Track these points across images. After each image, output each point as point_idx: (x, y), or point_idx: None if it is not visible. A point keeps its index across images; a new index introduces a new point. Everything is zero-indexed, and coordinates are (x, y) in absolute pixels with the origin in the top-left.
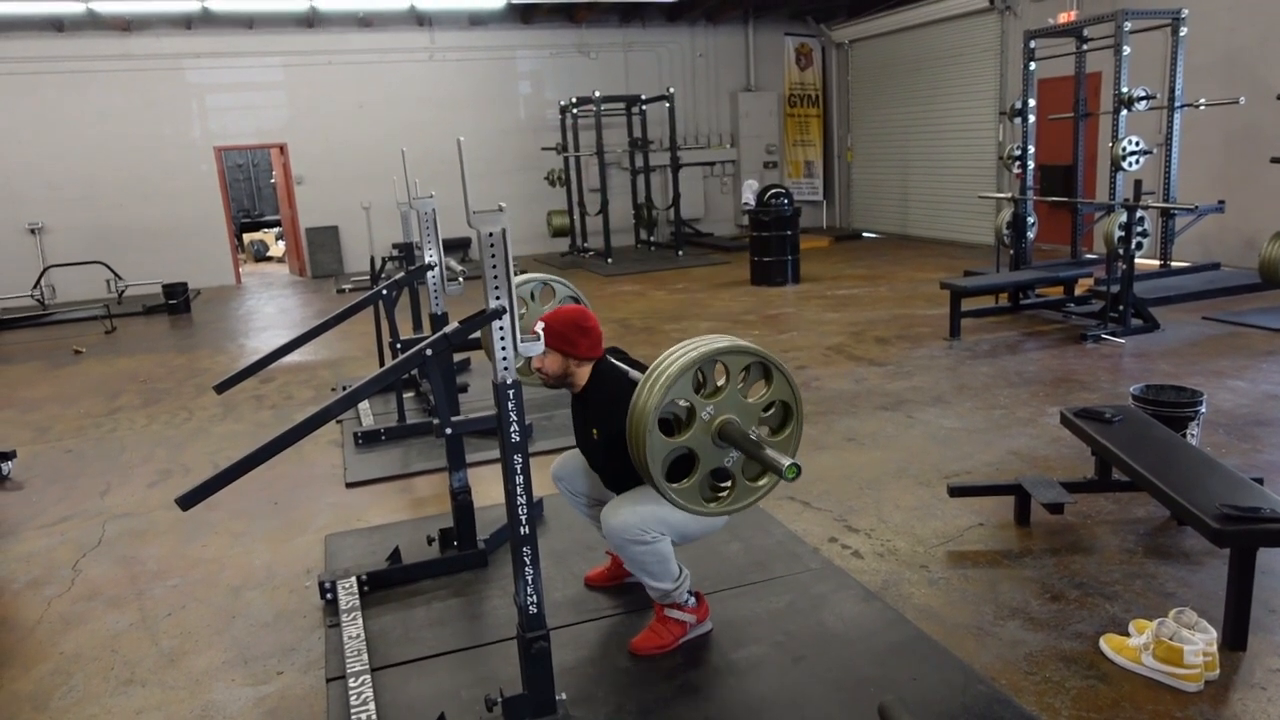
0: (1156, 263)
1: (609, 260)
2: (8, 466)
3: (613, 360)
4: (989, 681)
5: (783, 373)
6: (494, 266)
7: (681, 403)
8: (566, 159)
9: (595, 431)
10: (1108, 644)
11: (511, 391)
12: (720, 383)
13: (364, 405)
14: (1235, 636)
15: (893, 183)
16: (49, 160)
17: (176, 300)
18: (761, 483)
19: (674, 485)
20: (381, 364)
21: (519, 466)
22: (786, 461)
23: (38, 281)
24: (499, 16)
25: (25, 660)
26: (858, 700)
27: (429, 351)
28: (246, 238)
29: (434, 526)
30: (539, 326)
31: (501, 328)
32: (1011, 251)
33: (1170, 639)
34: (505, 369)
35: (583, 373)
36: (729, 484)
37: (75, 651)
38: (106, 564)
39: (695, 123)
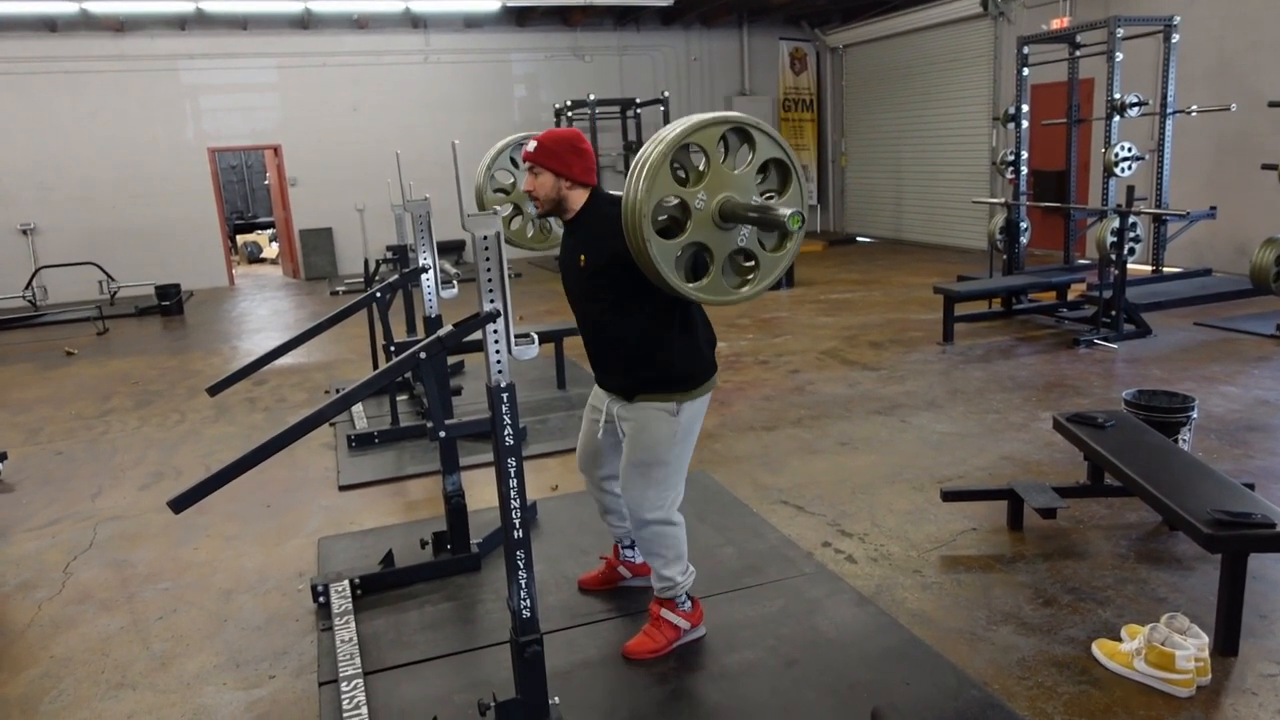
0: (1149, 268)
1: None
2: None
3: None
4: (982, 686)
5: (764, 131)
6: (488, 269)
7: (672, 200)
8: None
9: (583, 258)
10: (1100, 649)
11: (505, 395)
12: (702, 167)
13: (357, 408)
14: (1227, 642)
15: (886, 187)
16: (41, 161)
17: (169, 302)
18: (743, 290)
19: (660, 240)
20: (375, 367)
21: (512, 470)
22: (787, 211)
23: (29, 282)
24: (494, 19)
25: (15, 664)
26: (851, 705)
27: (423, 354)
28: (240, 239)
29: (427, 530)
30: (530, 145)
31: (495, 331)
32: (1005, 256)
33: (1162, 644)
34: (499, 372)
35: (576, 196)
36: (753, 263)
37: (65, 655)
38: (97, 567)
39: None
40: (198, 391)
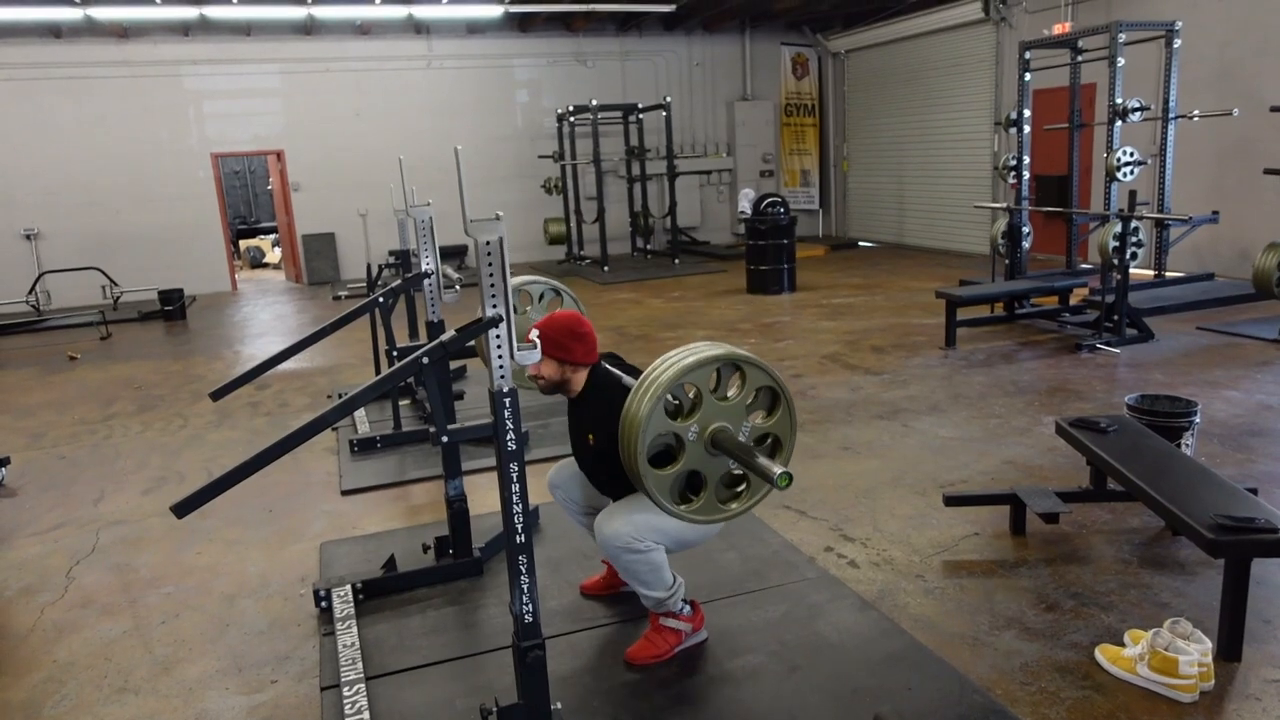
0: (1151, 273)
1: (605, 268)
2: (1, 473)
3: (608, 366)
4: (984, 691)
5: (755, 365)
6: (491, 274)
7: (690, 391)
8: (563, 167)
9: (591, 437)
10: (1103, 654)
11: (508, 399)
12: (715, 389)
13: (360, 413)
14: (1230, 647)
15: (889, 192)
16: (45, 166)
17: (172, 306)
18: (732, 506)
19: (653, 470)
20: (378, 371)
21: (515, 474)
22: (779, 470)
23: (33, 287)
24: (496, 25)
25: (18, 668)
26: (853, 710)
27: (425, 359)
28: (243, 244)
29: (429, 534)
30: (533, 334)
31: (498, 336)
32: (1007, 261)
33: (1165, 649)
34: (502, 377)
35: (579, 378)
36: (699, 493)
37: (68, 659)
38: (100, 571)
39: (692, 131)
40: (200, 396)
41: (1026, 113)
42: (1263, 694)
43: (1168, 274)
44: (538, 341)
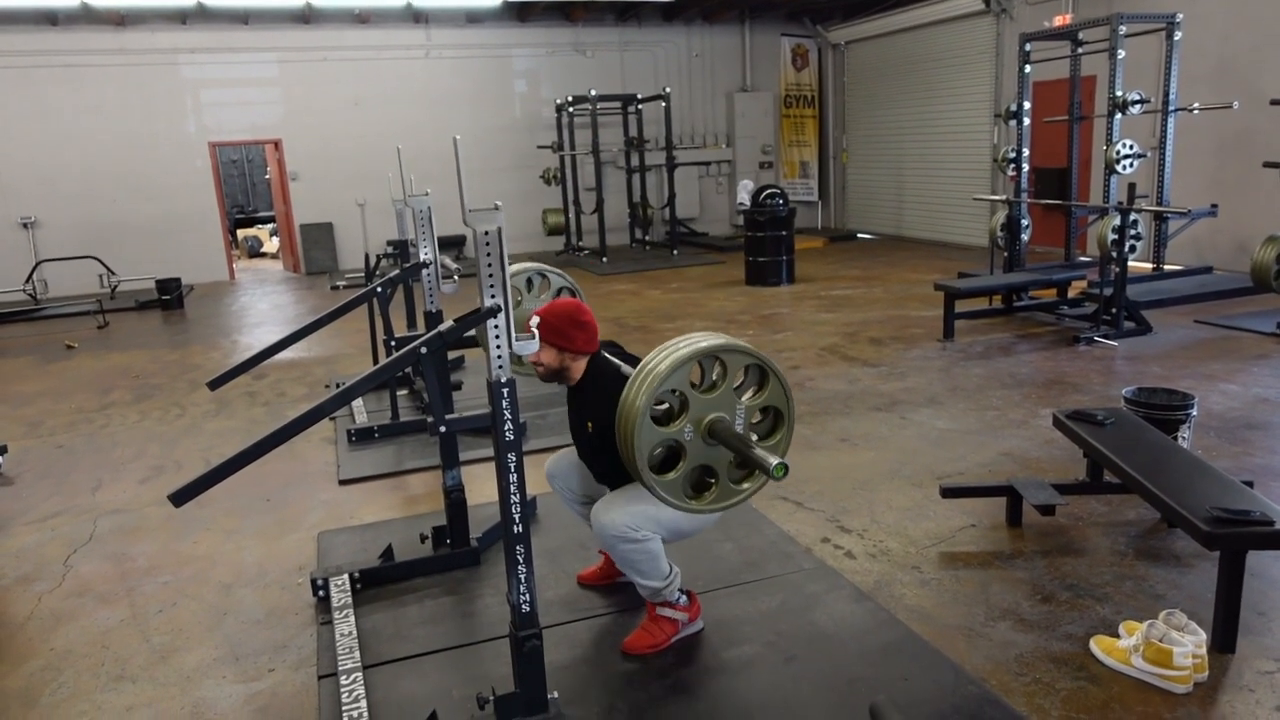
0: (1149, 266)
1: (604, 259)
2: None
3: (607, 355)
4: (979, 682)
5: (776, 375)
6: (489, 265)
7: (674, 393)
8: (562, 157)
9: (590, 425)
10: (1098, 645)
11: (506, 389)
12: (700, 383)
13: (357, 403)
14: (1224, 639)
15: (888, 184)
16: (42, 154)
17: (170, 296)
18: (745, 485)
19: (659, 477)
20: (375, 361)
21: (513, 465)
22: (774, 461)
23: (30, 276)
24: (495, 14)
25: (15, 656)
26: (849, 700)
27: (423, 349)
28: (240, 234)
29: (427, 524)
30: (533, 321)
31: (496, 326)
32: (1005, 254)
33: (1160, 641)
34: (500, 367)
35: (578, 366)
36: (714, 481)
37: (65, 648)
38: (97, 560)
39: (691, 122)
40: (198, 385)
41: (1026, 105)
42: (1256, 685)
43: (1166, 267)
44: (536, 331)
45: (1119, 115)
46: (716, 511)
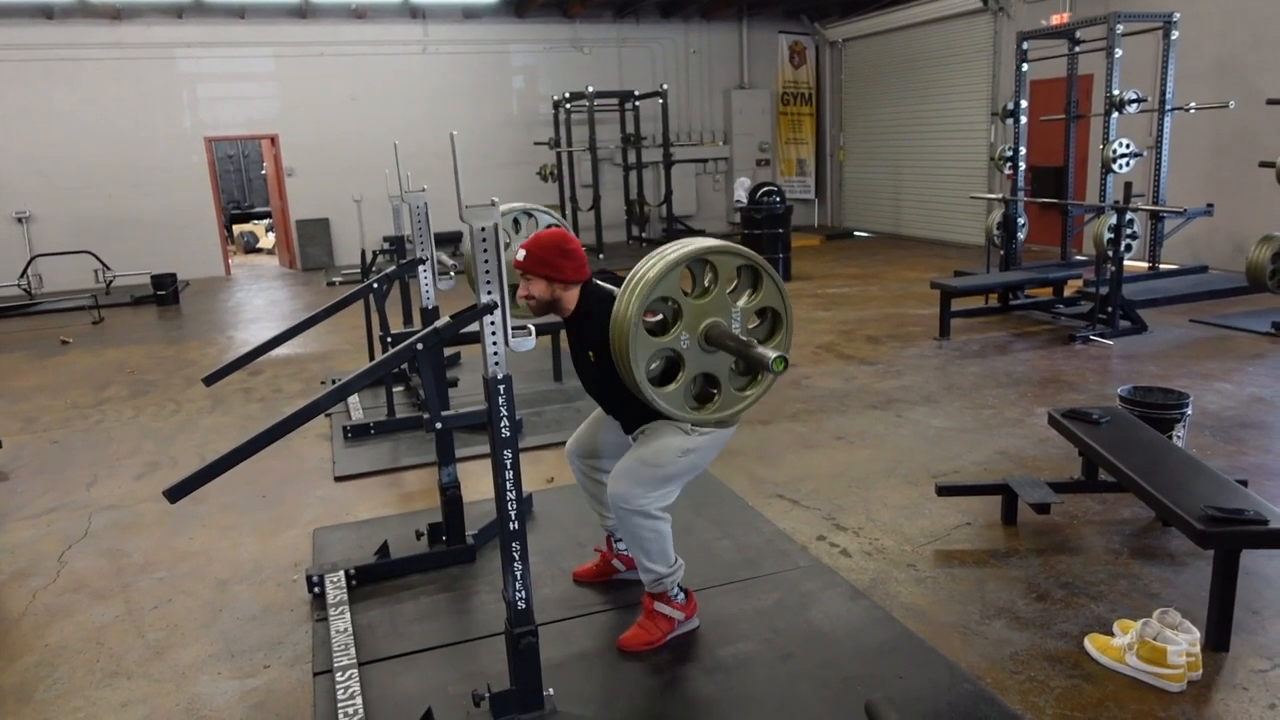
0: (1145, 265)
1: (600, 255)
2: None
3: (600, 283)
4: (975, 680)
5: (769, 275)
6: (486, 261)
7: (667, 302)
8: (559, 154)
9: (591, 354)
10: (1092, 643)
11: (502, 386)
12: (707, 284)
13: (353, 399)
14: (1218, 637)
15: (885, 182)
16: (37, 149)
17: (165, 291)
18: (749, 392)
19: (660, 390)
20: (371, 358)
21: (509, 461)
22: (773, 354)
23: (25, 270)
24: (492, 10)
25: (9, 652)
26: (845, 698)
27: (420, 346)
28: (236, 229)
29: (423, 521)
30: (519, 255)
31: (493, 323)
32: (1002, 252)
33: (1154, 639)
34: (496, 364)
35: (570, 296)
36: (716, 391)
37: (60, 644)
38: (92, 556)
39: (688, 119)
40: (193, 381)
41: (1023, 103)
42: (1250, 684)
43: (1162, 266)
44: (524, 255)
45: (1116, 114)
46: (725, 419)
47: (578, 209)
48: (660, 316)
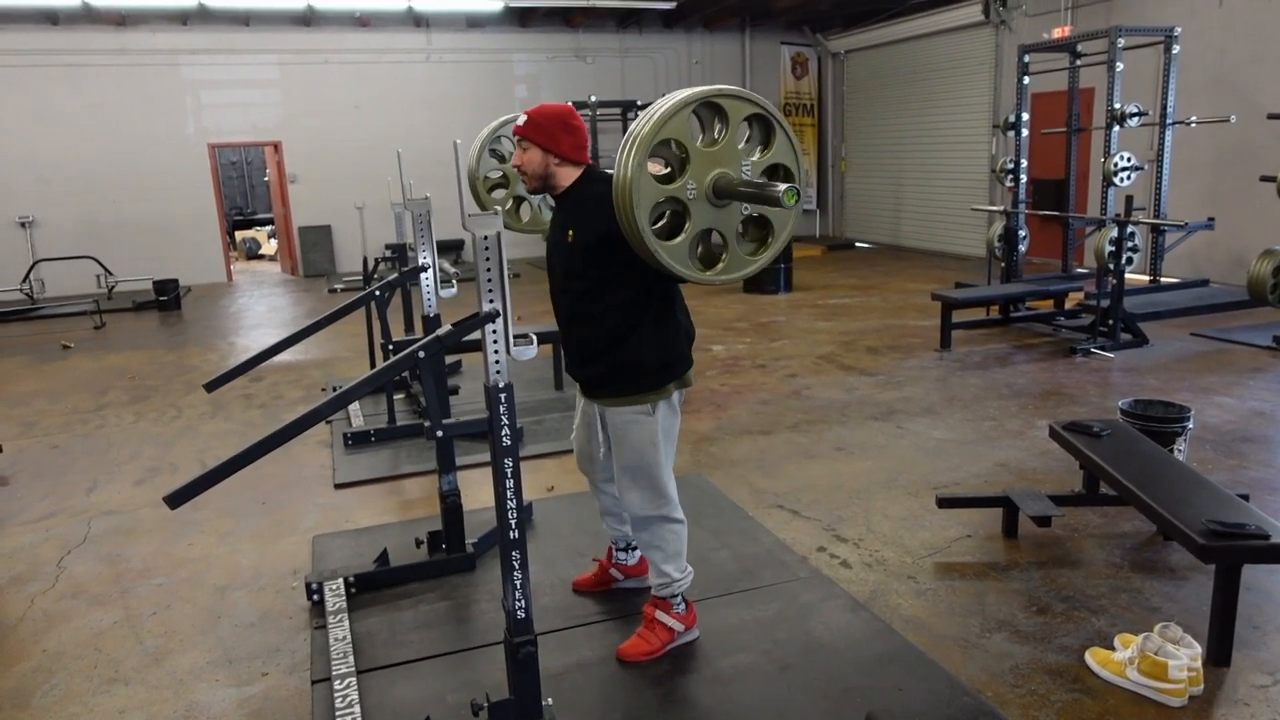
0: (1146, 278)
1: None
2: None
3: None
4: (975, 693)
5: (782, 127)
6: (488, 269)
7: (674, 146)
8: None
9: (571, 233)
10: (1093, 658)
11: (503, 395)
12: (716, 135)
13: (354, 406)
14: (1220, 652)
15: (886, 193)
16: (41, 154)
17: (167, 297)
18: (757, 257)
19: (665, 243)
20: (373, 365)
21: (509, 470)
22: (782, 187)
23: (27, 275)
24: (496, 19)
25: (7, 658)
26: (844, 710)
27: (421, 353)
28: (239, 235)
29: (423, 529)
30: (521, 119)
31: (494, 331)
32: (1003, 264)
33: (1155, 653)
34: (497, 372)
35: (564, 174)
36: (723, 251)
37: (58, 649)
38: (91, 562)
39: None
40: (194, 387)
41: (1025, 116)
42: (1251, 700)
43: (1163, 279)
44: (524, 121)
45: (1117, 127)
46: (732, 281)
47: None
48: (668, 169)
